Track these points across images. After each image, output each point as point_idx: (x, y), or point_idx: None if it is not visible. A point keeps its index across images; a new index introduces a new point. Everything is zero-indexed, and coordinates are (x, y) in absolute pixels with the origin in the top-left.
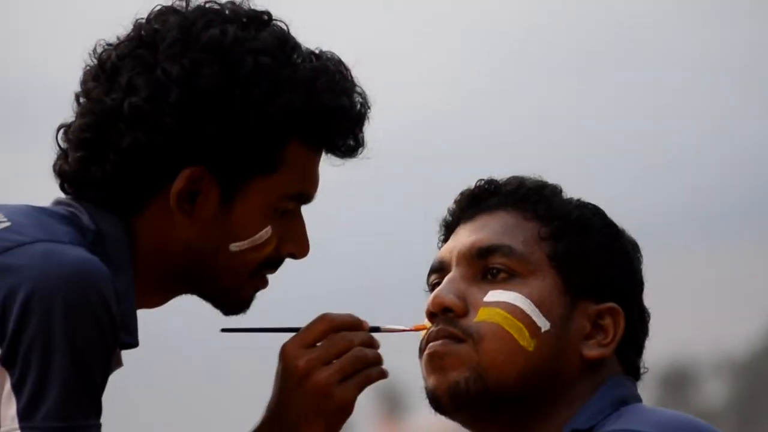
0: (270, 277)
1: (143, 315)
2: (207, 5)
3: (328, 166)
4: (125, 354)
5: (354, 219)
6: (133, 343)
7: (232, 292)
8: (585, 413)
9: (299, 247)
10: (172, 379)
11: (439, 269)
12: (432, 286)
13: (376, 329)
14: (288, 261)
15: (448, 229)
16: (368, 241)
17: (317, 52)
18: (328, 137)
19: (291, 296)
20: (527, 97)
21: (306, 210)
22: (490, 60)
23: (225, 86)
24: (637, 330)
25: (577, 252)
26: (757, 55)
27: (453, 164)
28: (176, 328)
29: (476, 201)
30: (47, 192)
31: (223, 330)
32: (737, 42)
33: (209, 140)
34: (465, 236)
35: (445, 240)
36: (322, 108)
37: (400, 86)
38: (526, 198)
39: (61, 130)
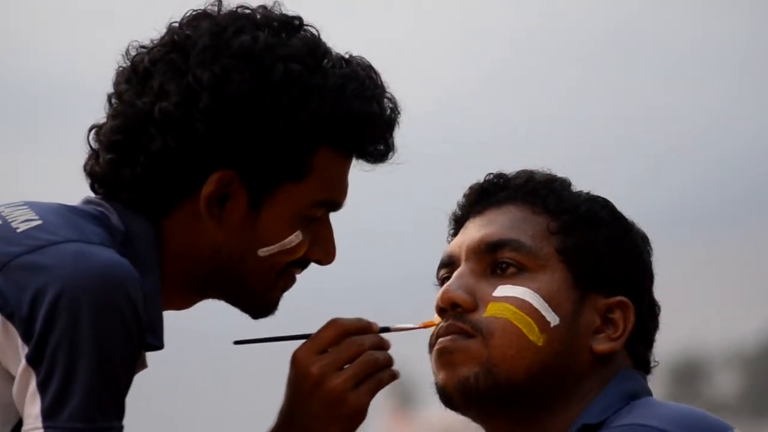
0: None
1: (168, 316)
2: (239, 10)
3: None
4: (150, 355)
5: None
6: (158, 344)
7: (260, 295)
8: (595, 407)
9: (326, 254)
10: (194, 380)
11: (449, 264)
12: (441, 281)
13: (386, 329)
14: None
15: (458, 223)
16: (377, 236)
17: (347, 57)
18: (358, 143)
19: (298, 293)
20: (529, 93)
21: None
22: (490, 59)
23: (255, 93)
24: (648, 323)
25: (587, 246)
26: (758, 49)
27: (461, 161)
28: (200, 329)
29: (485, 195)
30: (46, 191)
31: (236, 342)
32: (737, 38)
33: (239, 146)
34: (474, 231)
35: (455, 234)
36: (352, 114)
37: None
38: (535, 192)
39: (93, 131)
